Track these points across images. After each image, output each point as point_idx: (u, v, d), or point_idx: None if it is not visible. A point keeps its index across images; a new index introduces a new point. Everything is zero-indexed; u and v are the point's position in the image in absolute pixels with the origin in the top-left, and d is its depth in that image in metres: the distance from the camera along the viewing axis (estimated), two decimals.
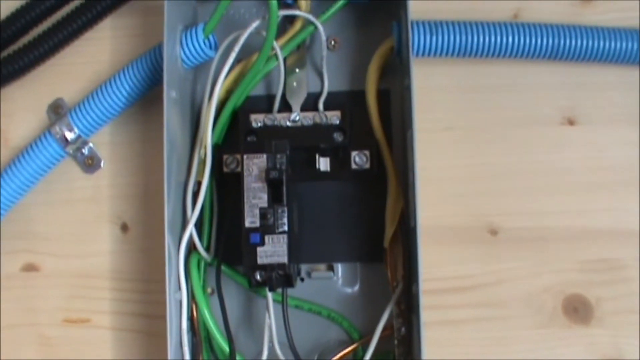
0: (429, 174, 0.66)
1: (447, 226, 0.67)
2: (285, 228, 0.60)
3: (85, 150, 0.69)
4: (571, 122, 0.68)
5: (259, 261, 0.60)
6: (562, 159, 0.68)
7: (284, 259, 0.60)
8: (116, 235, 0.69)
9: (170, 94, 0.62)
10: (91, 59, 0.71)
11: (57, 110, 0.69)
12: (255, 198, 0.60)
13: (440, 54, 0.66)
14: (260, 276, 0.60)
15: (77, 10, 0.68)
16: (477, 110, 0.68)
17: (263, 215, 0.60)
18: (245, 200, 0.60)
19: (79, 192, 0.70)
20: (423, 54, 0.65)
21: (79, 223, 0.69)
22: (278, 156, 0.61)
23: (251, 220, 0.60)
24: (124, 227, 0.69)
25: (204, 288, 0.64)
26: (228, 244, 0.64)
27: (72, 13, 0.68)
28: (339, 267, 0.66)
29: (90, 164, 0.70)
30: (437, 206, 0.67)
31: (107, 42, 0.71)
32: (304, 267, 0.66)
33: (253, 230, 0.60)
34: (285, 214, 0.60)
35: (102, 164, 0.70)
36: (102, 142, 0.70)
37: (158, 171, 0.61)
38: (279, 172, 0.59)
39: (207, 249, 0.65)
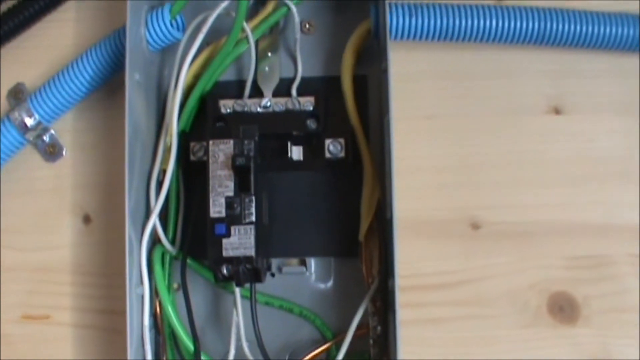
0: (407, 164, 0.64)
1: (426, 219, 0.65)
2: (253, 219, 0.57)
3: (46, 138, 0.66)
4: (557, 111, 0.66)
5: (225, 254, 0.57)
6: (548, 149, 0.66)
7: (251, 252, 0.57)
8: (78, 227, 0.66)
9: (133, 76, 0.59)
10: (54, 42, 0.68)
11: (18, 96, 0.67)
12: (222, 186, 0.58)
13: (420, 38, 0.63)
14: (226, 270, 0.57)
15: None
16: (459, 98, 0.66)
17: (229, 204, 0.57)
18: (210, 188, 0.58)
19: (40, 182, 0.67)
20: (402, 37, 0.63)
21: (39, 214, 0.66)
22: (246, 142, 0.58)
23: (217, 210, 0.57)
24: (87, 219, 0.66)
25: (168, 283, 0.61)
26: (194, 236, 0.61)
27: None
28: (312, 262, 0.64)
29: (51, 152, 0.67)
30: (416, 198, 0.65)
31: (71, 24, 0.69)
32: (274, 262, 0.63)
33: (218, 220, 0.57)
34: (253, 204, 0.57)
35: (64, 152, 0.67)
36: (64, 129, 0.67)
37: (123, 160, 0.58)
38: (246, 159, 0.57)
39: (173, 242, 0.62)
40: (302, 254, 0.63)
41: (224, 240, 0.57)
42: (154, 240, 0.61)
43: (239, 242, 0.57)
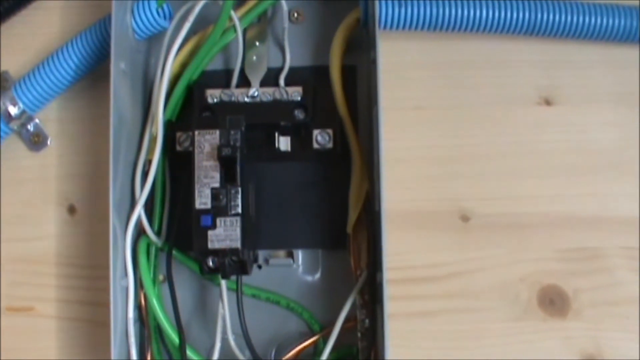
0: (397, 155, 0.64)
1: (416, 211, 0.64)
2: (239, 210, 0.56)
3: (30, 127, 0.66)
4: (548, 102, 0.65)
5: (210, 245, 0.56)
6: (539, 140, 0.65)
7: (237, 244, 0.56)
8: (63, 217, 0.65)
9: (118, 65, 0.59)
10: (39, 30, 0.67)
11: (2, 84, 0.66)
12: (207, 177, 0.57)
13: (410, 27, 0.63)
14: (212, 262, 0.57)
15: None
16: (449, 88, 0.66)
17: (215, 196, 0.57)
18: (196, 179, 0.57)
19: (25, 171, 0.66)
20: (391, 27, 0.62)
21: (23, 204, 0.66)
22: (232, 132, 0.57)
23: (202, 201, 0.57)
24: (71, 209, 0.65)
25: (154, 275, 0.61)
26: (180, 227, 0.60)
27: None
28: (299, 254, 0.63)
29: (36, 141, 0.66)
30: (406, 190, 0.64)
31: (57, 11, 0.68)
32: (261, 254, 0.62)
33: (204, 212, 0.56)
34: (239, 195, 0.57)
35: (49, 142, 0.66)
36: (49, 119, 0.66)
37: (108, 150, 0.58)
38: (232, 149, 0.56)
39: (158, 233, 0.61)
40: (289, 246, 0.62)
41: (210, 232, 0.56)
42: (139, 232, 0.61)
43: (225, 234, 0.56)
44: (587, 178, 0.64)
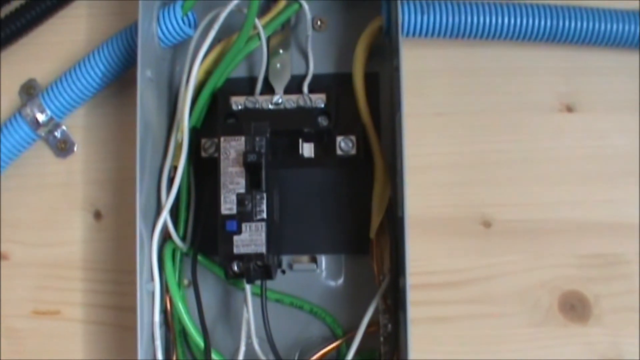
0: (418, 161, 0.64)
1: (437, 217, 0.64)
2: (264, 215, 0.57)
3: (57, 134, 0.66)
4: (569, 109, 0.65)
5: (236, 251, 0.57)
6: (560, 147, 0.65)
7: (262, 249, 0.57)
8: (89, 223, 0.66)
9: (145, 73, 0.59)
10: (66, 38, 0.68)
11: (30, 91, 0.67)
12: (233, 183, 0.57)
13: (432, 35, 0.63)
14: (237, 267, 0.57)
15: None
16: (470, 95, 0.66)
17: (240, 201, 0.57)
18: (221, 185, 0.58)
19: (51, 177, 0.67)
20: (414, 34, 0.63)
21: (50, 210, 0.66)
22: (257, 139, 0.58)
23: (228, 206, 0.57)
24: (97, 215, 0.66)
25: (179, 279, 0.61)
26: (205, 232, 0.61)
27: None
28: (323, 259, 0.63)
29: (63, 147, 0.67)
30: (427, 196, 0.64)
31: (84, 20, 0.69)
32: (285, 259, 0.63)
33: (229, 217, 0.57)
34: (264, 201, 0.57)
35: (75, 148, 0.67)
36: (75, 125, 0.67)
37: (134, 156, 0.58)
38: (258, 155, 0.56)
39: (184, 238, 0.62)
40: (312, 251, 0.63)
41: (235, 237, 0.57)
42: (165, 237, 0.61)
43: (250, 239, 0.57)
44: (607, 184, 0.64)
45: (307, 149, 0.62)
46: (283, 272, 0.63)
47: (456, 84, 0.66)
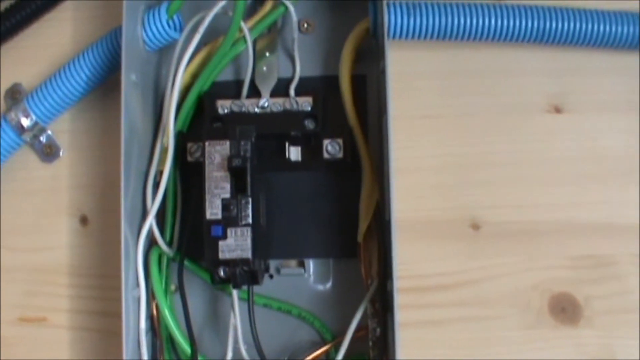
0: (406, 164, 0.64)
1: (426, 220, 0.64)
2: (250, 220, 0.57)
3: (43, 138, 0.66)
4: (558, 110, 0.65)
5: (221, 256, 0.56)
6: (549, 148, 0.65)
7: (248, 254, 0.56)
8: (75, 228, 0.66)
9: (129, 77, 0.59)
10: (52, 42, 0.68)
11: (15, 96, 0.66)
12: (218, 188, 0.57)
13: (419, 37, 0.63)
14: (223, 272, 0.57)
15: None
16: (459, 97, 0.65)
17: (225, 206, 0.57)
18: (206, 190, 0.57)
19: (37, 182, 0.67)
20: (400, 36, 0.62)
21: (36, 215, 0.66)
22: (242, 143, 0.57)
23: (213, 211, 0.57)
24: (84, 220, 0.66)
25: (166, 285, 0.61)
26: (192, 237, 0.60)
27: None
28: (310, 263, 0.63)
29: (48, 152, 0.66)
30: (416, 198, 0.64)
31: (69, 23, 0.68)
32: (273, 263, 0.63)
33: (215, 222, 0.57)
34: (250, 205, 0.57)
35: (61, 153, 0.67)
36: (61, 130, 0.67)
37: (120, 161, 0.58)
38: (242, 160, 0.56)
39: (170, 243, 0.61)
40: (300, 255, 0.63)
41: (220, 242, 0.56)
42: (151, 242, 0.61)
43: (236, 244, 0.56)
44: (598, 185, 0.64)
45: (294, 153, 0.62)
46: (271, 276, 0.63)
47: (444, 85, 0.66)
